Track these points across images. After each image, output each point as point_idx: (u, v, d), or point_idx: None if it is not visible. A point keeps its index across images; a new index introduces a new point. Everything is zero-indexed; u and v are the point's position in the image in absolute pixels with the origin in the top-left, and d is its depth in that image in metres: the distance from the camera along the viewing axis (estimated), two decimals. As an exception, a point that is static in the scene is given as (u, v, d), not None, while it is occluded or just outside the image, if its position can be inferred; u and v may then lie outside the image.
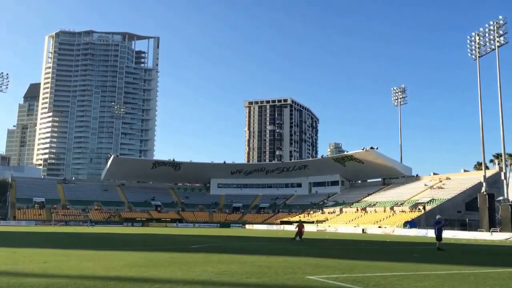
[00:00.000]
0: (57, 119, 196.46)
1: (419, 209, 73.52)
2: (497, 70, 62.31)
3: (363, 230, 68.89)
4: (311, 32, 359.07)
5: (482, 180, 64.04)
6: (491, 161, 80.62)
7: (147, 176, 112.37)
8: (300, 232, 34.12)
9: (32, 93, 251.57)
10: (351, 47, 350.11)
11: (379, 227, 69.90)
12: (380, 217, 76.50)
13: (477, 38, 66.28)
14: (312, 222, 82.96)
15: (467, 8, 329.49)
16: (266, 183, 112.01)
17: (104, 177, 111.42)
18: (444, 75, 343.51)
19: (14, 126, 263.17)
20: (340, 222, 79.27)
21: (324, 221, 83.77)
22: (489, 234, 51.18)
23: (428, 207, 72.41)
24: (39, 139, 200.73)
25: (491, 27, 64.63)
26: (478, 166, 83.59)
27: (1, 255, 18.29)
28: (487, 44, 65.22)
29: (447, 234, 54.67)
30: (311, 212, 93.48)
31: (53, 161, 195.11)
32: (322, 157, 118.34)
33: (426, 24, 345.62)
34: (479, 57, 65.95)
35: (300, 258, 18.55)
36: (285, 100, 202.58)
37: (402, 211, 75.32)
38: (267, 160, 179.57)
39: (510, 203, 56.05)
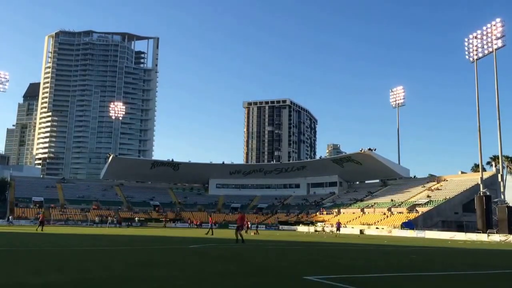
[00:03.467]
0: (56, 118, 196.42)
1: (416, 210, 73.76)
2: (495, 73, 62.74)
3: (361, 231, 69.16)
4: (311, 33, 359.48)
5: (479, 182, 64.36)
6: (488, 163, 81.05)
7: (146, 176, 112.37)
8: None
9: (32, 93, 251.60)
10: (351, 48, 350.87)
11: (377, 228, 70.22)
12: (377, 218, 76.72)
13: (474, 40, 66.55)
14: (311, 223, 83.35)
15: (466, 10, 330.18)
16: (264, 183, 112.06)
17: (103, 177, 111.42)
18: (442, 77, 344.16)
19: (13, 125, 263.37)
20: (338, 223, 79.38)
21: (322, 222, 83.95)
22: (486, 236, 51.49)
23: (425, 209, 72.66)
24: (38, 139, 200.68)
25: (489, 30, 64.93)
26: (475, 168, 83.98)
27: None
28: (485, 46, 65.52)
29: (445, 235, 54.98)
30: (309, 212, 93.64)
31: (52, 160, 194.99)
32: (320, 158, 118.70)
33: (425, 26, 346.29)
34: (476, 59, 66.24)
35: (298, 259, 18.76)
36: (284, 101, 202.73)
37: (400, 212, 75.55)
38: (265, 161, 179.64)
39: (507, 205, 56.43)
